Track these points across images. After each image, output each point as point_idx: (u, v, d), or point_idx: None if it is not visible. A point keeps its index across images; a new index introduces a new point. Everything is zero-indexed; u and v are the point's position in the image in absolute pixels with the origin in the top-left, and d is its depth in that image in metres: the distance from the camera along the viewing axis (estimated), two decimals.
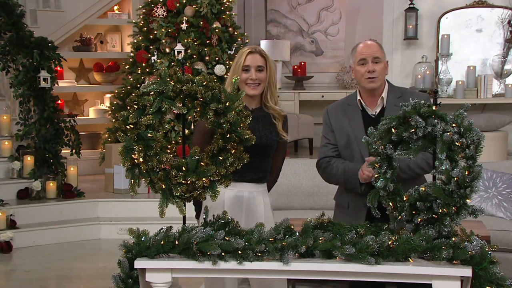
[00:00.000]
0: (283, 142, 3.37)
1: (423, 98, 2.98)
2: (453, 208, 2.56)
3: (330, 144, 3.46)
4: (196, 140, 3.23)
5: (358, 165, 3.24)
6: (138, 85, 6.87)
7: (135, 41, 7.48)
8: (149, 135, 2.69)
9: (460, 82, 7.93)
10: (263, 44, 10.01)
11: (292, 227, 2.72)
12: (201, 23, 7.11)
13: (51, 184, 6.53)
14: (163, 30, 7.08)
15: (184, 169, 2.71)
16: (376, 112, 3.34)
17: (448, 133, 2.55)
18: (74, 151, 6.75)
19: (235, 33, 7.42)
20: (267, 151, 3.30)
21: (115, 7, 8.81)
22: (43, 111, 6.54)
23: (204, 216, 2.81)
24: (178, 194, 2.73)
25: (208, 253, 2.59)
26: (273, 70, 3.32)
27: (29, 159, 6.59)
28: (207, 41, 7.13)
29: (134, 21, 7.89)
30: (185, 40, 7.02)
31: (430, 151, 2.73)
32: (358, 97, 3.39)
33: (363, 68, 3.31)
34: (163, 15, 7.21)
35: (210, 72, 7.00)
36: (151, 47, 7.25)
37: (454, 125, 2.57)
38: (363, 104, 3.38)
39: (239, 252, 2.60)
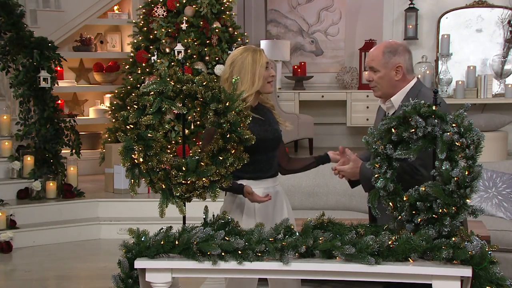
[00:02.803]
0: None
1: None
2: (453, 208, 2.56)
3: None
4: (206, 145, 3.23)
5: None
6: (138, 85, 6.87)
7: (135, 41, 7.48)
8: (149, 135, 2.69)
9: (460, 82, 7.93)
10: (263, 44, 10.02)
11: (292, 227, 2.72)
12: (201, 23, 7.11)
13: (51, 184, 6.53)
14: (163, 30, 7.08)
15: (184, 169, 2.71)
16: (388, 113, 3.28)
17: (448, 133, 2.55)
18: (74, 151, 6.75)
19: (235, 33, 7.42)
20: (279, 144, 3.37)
21: (115, 7, 8.81)
22: (43, 111, 6.54)
23: (204, 216, 2.81)
24: (178, 194, 2.73)
25: (208, 253, 2.59)
26: None
27: (29, 159, 6.59)
28: (207, 41, 7.13)
29: (134, 21, 7.89)
30: (185, 40, 7.02)
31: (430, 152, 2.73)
32: None
33: (365, 74, 3.30)
34: (163, 15, 7.21)
35: (210, 72, 7.00)
36: (151, 47, 7.25)
37: (454, 125, 2.57)
38: (381, 104, 3.36)
39: (239, 252, 2.60)
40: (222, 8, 7.32)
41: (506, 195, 4.85)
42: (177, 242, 2.64)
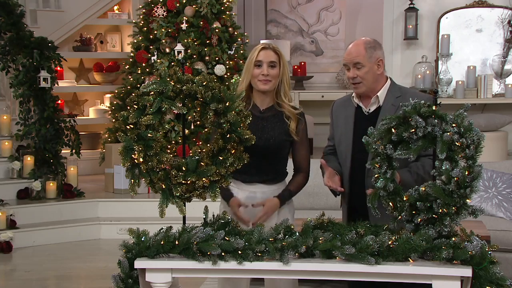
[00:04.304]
0: (300, 140, 3.31)
1: (425, 99, 2.88)
2: (453, 208, 2.56)
3: (329, 140, 3.51)
4: None
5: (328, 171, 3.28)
6: (138, 85, 6.87)
7: (135, 41, 7.48)
8: (149, 135, 2.69)
9: (460, 82, 7.93)
10: None
11: (292, 227, 2.72)
12: (201, 23, 7.11)
13: (51, 184, 6.53)
14: (163, 30, 7.08)
15: (184, 169, 2.71)
16: (370, 110, 3.31)
17: (448, 133, 2.55)
18: (74, 151, 6.75)
19: (235, 33, 7.42)
20: (276, 152, 3.28)
21: (115, 7, 8.81)
22: (43, 111, 6.54)
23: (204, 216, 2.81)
24: (178, 194, 2.73)
25: (208, 253, 2.59)
26: (286, 67, 3.30)
27: (29, 159, 6.59)
28: (207, 41, 7.13)
29: (134, 21, 7.89)
30: (185, 40, 7.02)
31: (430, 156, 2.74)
32: (353, 94, 3.37)
33: (348, 72, 3.28)
34: (163, 15, 7.21)
35: (210, 72, 7.00)
36: (151, 47, 7.25)
37: (454, 125, 2.57)
38: (357, 101, 3.35)
39: (239, 252, 2.60)
40: (222, 8, 7.32)
41: (506, 195, 4.85)
42: (177, 242, 2.64)
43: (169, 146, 2.78)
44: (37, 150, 6.61)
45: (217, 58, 7.10)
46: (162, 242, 2.64)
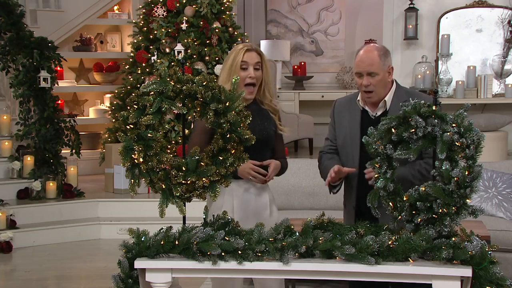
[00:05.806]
0: (280, 133, 3.42)
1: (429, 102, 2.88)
2: (453, 208, 2.56)
3: (328, 140, 3.51)
4: (195, 140, 3.23)
5: (332, 164, 3.28)
6: (138, 85, 6.87)
7: (135, 41, 7.49)
8: (149, 135, 2.69)
9: (460, 82, 7.93)
10: (263, 44, 10.02)
11: (292, 227, 2.72)
12: (201, 23, 7.11)
13: (51, 184, 6.53)
14: (163, 30, 7.08)
15: (184, 169, 2.71)
16: (376, 114, 3.31)
17: (448, 133, 2.55)
18: (74, 151, 6.76)
19: (235, 33, 7.42)
20: (268, 144, 3.34)
21: (115, 7, 8.81)
22: (43, 111, 6.54)
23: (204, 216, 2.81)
24: (178, 194, 2.73)
25: (208, 253, 2.59)
26: (268, 67, 3.33)
27: (29, 159, 6.59)
28: (207, 41, 7.13)
29: (134, 21, 7.89)
30: (185, 40, 7.03)
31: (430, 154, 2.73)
32: (359, 97, 3.37)
33: (360, 80, 3.28)
34: (163, 15, 7.22)
35: (210, 72, 7.00)
36: (151, 47, 7.25)
37: (454, 125, 2.57)
38: (363, 105, 3.35)
39: (239, 252, 2.60)
40: (222, 8, 7.32)
41: (506, 195, 4.85)
42: (177, 242, 2.64)
43: (169, 146, 2.78)
44: (37, 150, 6.61)
45: (217, 58, 7.11)
46: (162, 242, 2.64)
